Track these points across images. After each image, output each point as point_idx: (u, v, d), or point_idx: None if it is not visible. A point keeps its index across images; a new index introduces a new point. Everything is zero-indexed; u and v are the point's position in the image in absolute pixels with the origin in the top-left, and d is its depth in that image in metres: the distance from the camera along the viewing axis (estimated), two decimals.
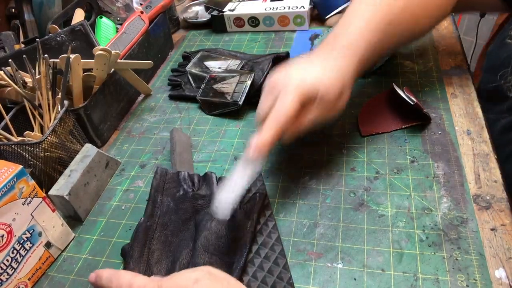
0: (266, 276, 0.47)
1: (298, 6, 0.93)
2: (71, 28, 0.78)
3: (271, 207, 0.55)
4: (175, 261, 0.50)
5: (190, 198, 0.57)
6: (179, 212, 0.55)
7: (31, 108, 0.64)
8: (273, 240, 0.51)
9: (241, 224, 0.52)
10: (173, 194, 0.57)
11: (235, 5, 1.00)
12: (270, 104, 0.51)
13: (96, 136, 0.72)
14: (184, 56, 0.90)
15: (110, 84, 0.74)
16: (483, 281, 0.43)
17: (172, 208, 0.56)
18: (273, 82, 0.53)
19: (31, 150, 0.58)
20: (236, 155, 0.65)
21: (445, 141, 0.60)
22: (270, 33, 0.97)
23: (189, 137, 0.70)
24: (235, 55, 0.85)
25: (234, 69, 0.79)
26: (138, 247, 0.51)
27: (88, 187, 0.60)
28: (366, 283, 0.45)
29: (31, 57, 0.65)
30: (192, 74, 0.81)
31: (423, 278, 0.45)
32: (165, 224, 0.54)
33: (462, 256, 0.46)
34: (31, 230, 0.50)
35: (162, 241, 0.52)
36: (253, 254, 0.50)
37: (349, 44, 0.54)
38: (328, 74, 0.51)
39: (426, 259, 0.46)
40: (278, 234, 0.52)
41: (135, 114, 0.79)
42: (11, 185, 0.46)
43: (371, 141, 0.63)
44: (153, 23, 0.90)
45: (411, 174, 0.56)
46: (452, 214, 0.50)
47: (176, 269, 0.49)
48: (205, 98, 0.74)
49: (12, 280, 0.49)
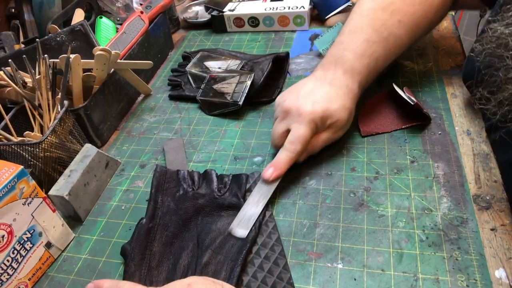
0: (266, 276, 0.47)
1: (298, 6, 0.93)
2: (71, 28, 0.78)
3: (270, 208, 0.55)
4: (175, 263, 0.50)
5: (190, 198, 0.57)
6: (180, 212, 0.55)
7: (31, 108, 0.64)
8: (273, 240, 0.51)
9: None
10: (173, 194, 0.57)
11: (235, 5, 1.00)
12: (284, 129, 0.57)
13: (96, 136, 0.72)
14: (184, 56, 0.90)
15: (110, 84, 0.74)
16: (483, 281, 0.43)
17: (172, 209, 0.56)
18: (286, 107, 0.58)
19: (31, 150, 0.58)
20: (236, 155, 0.65)
21: (445, 141, 0.60)
22: (270, 33, 0.97)
23: (181, 139, 0.70)
24: (235, 55, 0.85)
25: (234, 69, 0.79)
26: (139, 250, 0.51)
27: (88, 187, 0.60)
28: (366, 283, 0.45)
29: (31, 57, 0.65)
30: (192, 74, 0.81)
31: (423, 278, 0.45)
32: (166, 225, 0.54)
33: (462, 256, 0.46)
34: (31, 230, 0.50)
35: (163, 243, 0.52)
36: (253, 254, 0.50)
37: (351, 70, 0.59)
38: (336, 102, 0.57)
39: (426, 259, 0.46)
40: (278, 235, 0.52)
41: (135, 114, 0.79)
42: (11, 186, 0.46)
43: (371, 141, 0.63)
44: (153, 23, 0.90)
45: (411, 174, 0.56)
46: (452, 214, 0.50)
47: (176, 271, 0.49)
48: (205, 98, 0.74)
49: (12, 280, 0.49)
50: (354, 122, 0.66)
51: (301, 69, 0.82)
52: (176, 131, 0.73)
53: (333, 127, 0.57)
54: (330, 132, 0.58)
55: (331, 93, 0.57)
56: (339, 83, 0.58)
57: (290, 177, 0.59)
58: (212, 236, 0.51)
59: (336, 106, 0.56)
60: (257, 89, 0.73)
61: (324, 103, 0.56)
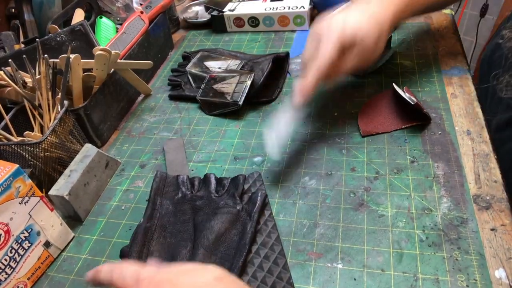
0: (266, 276, 0.47)
1: (298, 6, 0.93)
2: (71, 28, 0.78)
3: (270, 207, 0.55)
4: (173, 261, 0.50)
5: (188, 200, 0.57)
6: (178, 214, 0.55)
7: (31, 108, 0.64)
8: (273, 240, 0.51)
9: (241, 224, 0.52)
10: (172, 197, 0.57)
11: (235, 5, 1.00)
12: (312, 51, 0.57)
13: (96, 136, 0.72)
14: (184, 56, 0.90)
15: (110, 84, 0.74)
16: (483, 281, 0.43)
17: (171, 211, 0.56)
18: (317, 30, 0.58)
19: (31, 150, 0.58)
20: (236, 155, 0.65)
21: (445, 141, 0.60)
22: (270, 33, 0.97)
23: (182, 139, 0.70)
24: (235, 55, 0.85)
25: (234, 69, 0.79)
26: (136, 248, 0.51)
27: (88, 187, 0.60)
28: (366, 283, 0.45)
29: (31, 57, 0.65)
30: (192, 74, 0.81)
31: (423, 278, 0.45)
32: (164, 226, 0.54)
33: (462, 256, 0.46)
34: (29, 229, 0.50)
35: (160, 243, 0.52)
36: (253, 254, 0.50)
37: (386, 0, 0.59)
38: (366, 21, 0.56)
39: (426, 259, 0.46)
40: (278, 234, 0.52)
41: (135, 114, 0.79)
42: (7, 184, 0.46)
43: (371, 141, 0.63)
44: (153, 23, 0.90)
45: (411, 174, 0.56)
46: (452, 214, 0.50)
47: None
48: (205, 98, 0.74)
49: (11, 279, 0.49)
50: (354, 122, 0.66)
51: (301, 69, 0.82)
52: (176, 131, 0.73)
53: (361, 49, 0.56)
54: (359, 55, 0.57)
55: (364, 14, 0.57)
56: (373, 5, 0.58)
57: (290, 176, 0.59)
58: (212, 235, 0.51)
59: (366, 29, 0.56)
60: (257, 89, 0.73)
61: (354, 21, 0.56)
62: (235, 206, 0.54)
